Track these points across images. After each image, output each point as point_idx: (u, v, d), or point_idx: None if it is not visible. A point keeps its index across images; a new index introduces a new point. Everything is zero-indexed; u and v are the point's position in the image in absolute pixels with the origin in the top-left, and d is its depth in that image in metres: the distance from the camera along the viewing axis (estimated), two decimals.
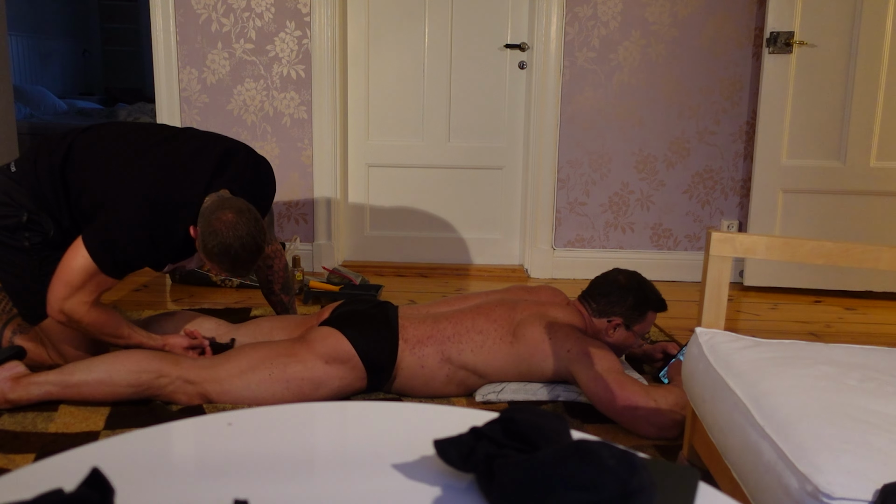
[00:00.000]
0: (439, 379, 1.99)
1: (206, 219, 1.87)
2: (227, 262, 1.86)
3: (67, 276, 1.87)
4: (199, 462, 0.84)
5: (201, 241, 1.87)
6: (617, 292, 2.10)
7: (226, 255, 1.85)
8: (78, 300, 1.88)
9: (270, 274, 2.39)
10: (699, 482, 0.81)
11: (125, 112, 5.84)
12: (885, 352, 1.36)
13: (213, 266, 1.91)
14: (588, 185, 3.48)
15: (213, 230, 1.84)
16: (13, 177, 2.00)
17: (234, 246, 1.84)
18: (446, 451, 0.79)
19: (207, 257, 1.88)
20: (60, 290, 1.88)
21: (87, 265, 1.86)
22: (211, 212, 1.87)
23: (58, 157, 1.98)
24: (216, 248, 1.84)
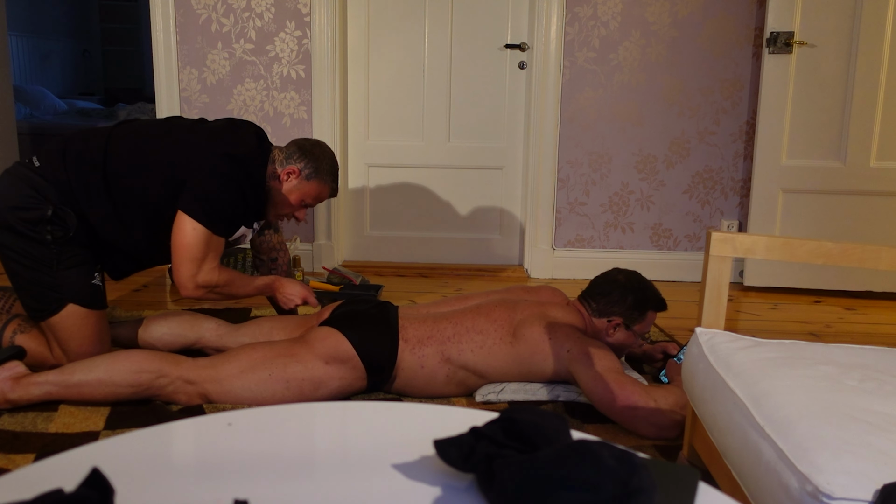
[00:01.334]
0: (439, 379, 1.99)
1: (304, 151, 2.14)
2: (335, 179, 2.19)
3: (188, 252, 1.99)
4: (199, 462, 0.84)
5: (312, 169, 2.13)
6: (617, 292, 2.10)
7: (335, 174, 2.18)
8: (207, 269, 2.02)
9: (274, 268, 2.43)
10: (699, 482, 0.81)
11: (125, 112, 5.84)
12: (885, 352, 1.36)
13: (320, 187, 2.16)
14: (588, 185, 3.48)
15: (320, 156, 2.15)
16: (38, 171, 2.01)
17: (335, 163, 2.19)
18: (446, 451, 0.79)
19: (321, 179, 2.16)
20: (189, 268, 2.00)
21: (201, 234, 1.99)
22: (303, 145, 2.15)
23: (96, 151, 2.03)
24: (329, 167, 2.16)
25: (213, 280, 2.04)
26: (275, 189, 2.14)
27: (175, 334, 2.18)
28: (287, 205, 2.17)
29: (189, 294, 2.03)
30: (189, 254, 1.99)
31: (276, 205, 2.16)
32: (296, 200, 2.16)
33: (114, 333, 2.23)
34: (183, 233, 1.98)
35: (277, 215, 2.20)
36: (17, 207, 1.97)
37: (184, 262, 2.00)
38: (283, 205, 2.16)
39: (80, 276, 2.04)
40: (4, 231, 1.99)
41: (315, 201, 2.20)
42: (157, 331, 2.18)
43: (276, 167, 2.13)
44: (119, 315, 2.68)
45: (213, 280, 2.04)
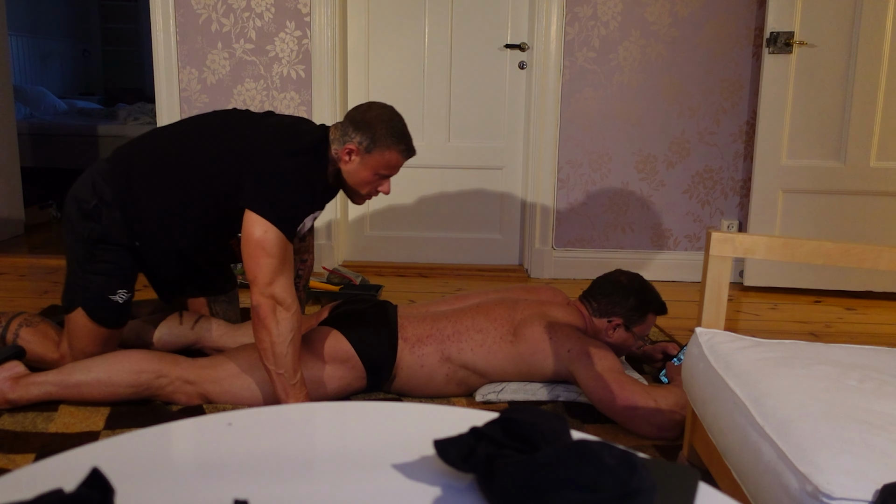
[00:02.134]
0: (439, 378, 1.99)
1: (356, 122, 1.92)
2: (402, 138, 1.93)
3: (265, 250, 1.79)
4: (199, 462, 0.84)
5: (369, 140, 1.91)
6: (619, 293, 2.10)
7: (400, 133, 1.93)
8: (284, 282, 1.79)
9: (302, 268, 2.35)
10: (699, 482, 0.81)
11: (125, 112, 5.84)
12: (885, 352, 1.36)
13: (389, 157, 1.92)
14: (588, 185, 3.48)
15: (374, 119, 1.91)
16: (103, 166, 2.00)
17: (399, 121, 1.94)
18: (446, 451, 0.79)
19: (383, 146, 1.92)
20: (264, 268, 1.78)
21: (273, 235, 1.79)
22: (355, 117, 1.93)
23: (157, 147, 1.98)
24: (388, 130, 1.90)
25: (287, 300, 1.79)
26: (344, 171, 1.96)
27: (175, 334, 2.18)
28: (363, 183, 1.97)
29: (259, 301, 1.77)
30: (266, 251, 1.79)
31: (353, 186, 1.98)
32: (369, 176, 1.95)
33: None
34: (253, 230, 1.81)
35: (360, 196, 2.02)
36: (76, 197, 1.99)
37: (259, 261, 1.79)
38: (359, 184, 1.97)
39: (102, 284, 1.98)
40: (66, 218, 2.02)
41: (390, 170, 1.96)
42: (157, 331, 2.18)
43: (336, 148, 1.95)
44: None
45: (288, 301, 1.79)
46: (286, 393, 1.80)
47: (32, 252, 3.77)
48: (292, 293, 1.80)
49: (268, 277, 1.77)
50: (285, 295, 1.78)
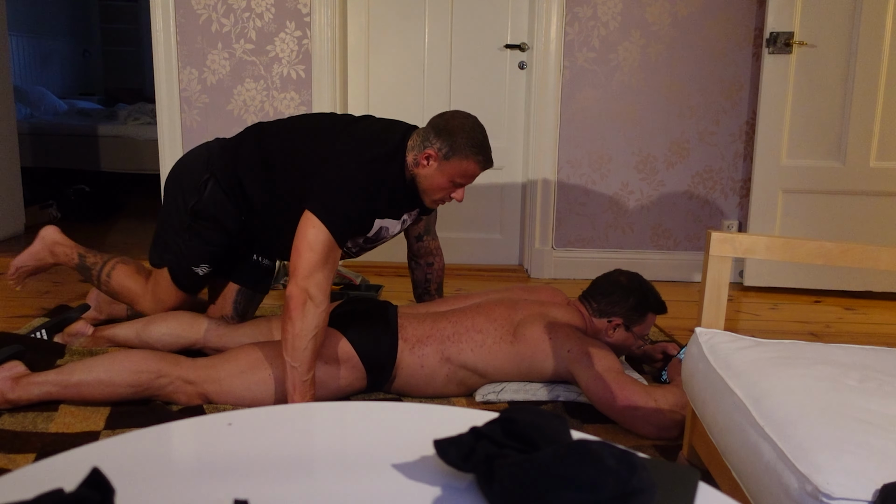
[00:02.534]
0: (439, 378, 1.99)
1: (438, 130, 1.95)
2: (481, 149, 1.96)
3: (310, 245, 1.84)
4: (199, 462, 0.84)
5: (449, 147, 1.94)
6: (619, 292, 2.10)
7: (479, 144, 1.96)
8: (323, 277, 1.83)
9: (430, 272, 2.41)
10: (699, 482, 0.81)
11: (125, 112, 5.84)
12: (885, 352, 1.36)
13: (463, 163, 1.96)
14: (588, 185, 3.48)
15: (455, 128, 1.94)
16: (221, 149, 2.16)
17: (479, 132, 1.96)
18: (446, 451, 0.79)
19: (461, 155, 1.95)
20: (305, 261, 1.83)
21: (322, 234, 1.85)
22: (436, 124, 1.97)
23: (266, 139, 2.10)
24: (467, 140, 1.94)
25: (320, 296, 1.81)
26: (419, 175, 1.99)
27: (175, 335, 2.18)
28: (437, 189, 2.00)
29: (293, 292, 1.80)
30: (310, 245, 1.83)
31: (426, 191, 2.01)
32: (445, 183, 1.99)
33: (114, 333, 2.23)
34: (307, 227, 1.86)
35: (433, 201, 2.06)
36: (189, 167, 2.16)
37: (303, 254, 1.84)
38: (433, 189, 2.00)
39: (189, 256, 2.16)
40: (172, 184, 2.18)
41: (466, 178, 2.00)
42: (157, 331, 2.18)
43: (415, 153, 1.98)
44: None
45: (320, 297, 1.81)
46: (294, 387, 1.81)
47: None
48: (326, 292, 1.84)
49: (306, 271, 1.82)
50: (318, 291, 1.82)
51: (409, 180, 2.02)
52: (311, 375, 1.83)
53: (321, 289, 1.82)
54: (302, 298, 1.80)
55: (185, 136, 3.41)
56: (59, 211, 4.73)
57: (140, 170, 5.44)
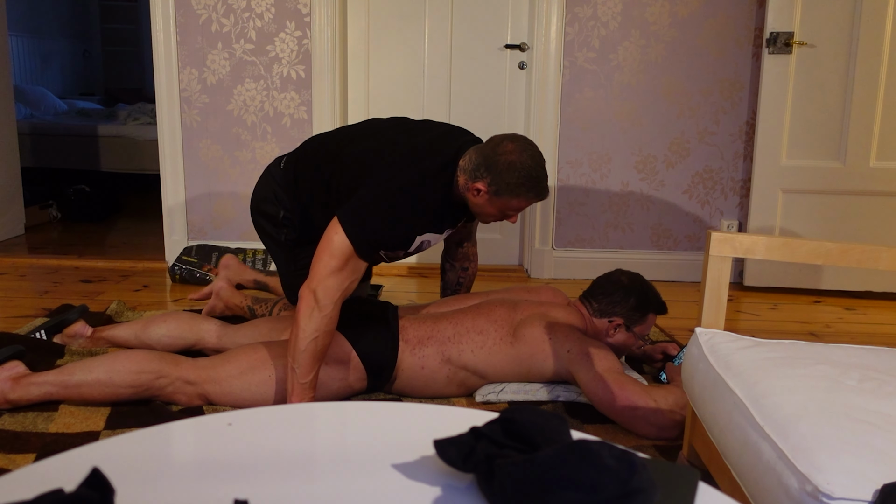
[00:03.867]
0: (440, 379, 1.99)
1: (489, 162, 1.88)
2: (533, 186, 1.89)
3: (330, 252, 1.83)
4: (199, 462, 0.84)
5: (497, 184, 1.87)
6: (619, 292, 2.10)
7: (531, 181, 1.88)
8: (335, 284, 1.82)
9: (463, 276, 2.41)
10: (699, 482, 0.81)
11: (125, 112, 5.84)
12: (885, 352, 1.36)
13: (515, 203, 1.91)
14: (588, 185, 3.48)
15: (506, 165, 1.86)
16: (279, 175, 2.18)
17: (532, 167, 1.87)
18: (446, 451, 0.79)
19: (512, 194, 1.89)
20: (322, 266, 1.83)
21: (344, 244, 1.83)
22: (489, 155, 1.89)
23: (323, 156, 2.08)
24: (518, 178, 1.86)
25: (327, 299, 1.80)
26: (472, 203, 1.96)
27: (174, 336, 2.18)
28: (490, 216, 1.99)
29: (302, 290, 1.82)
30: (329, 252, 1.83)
31: (479, 215, 2.01)
32: (495, 213, 1.96)
33: (113, 334, 2.23)
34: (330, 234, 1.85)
35: (486, 221, 2.05)
36: (263, 212, 2.20)
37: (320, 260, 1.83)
38: (486, 216, 1.99)
39: None
40: (261, 230, 2.24)
41: (516, 211, 1.97)
42: (157, 332, 2.18)
43: (466, 178, 1.93)
44: (118, 314, 2.68)
45: (327, 300, 1.80)
46: (292, 389, 1.81)
47: (32, 252, 3.77)
48: (333, 298, 1.81)
49: (321, 274, 1.81)
50: (325, 296, 1.80)
51: (457, 196, 1.97)
52: (309, 379, 1.81)
53: (329, 294, 1.80)
54: (310, 301, 1.79)
55: (185, 136, 3.41)
56: (59, 211, 4.73)
57: (140, 170, 5.44)
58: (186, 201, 3.47)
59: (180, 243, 3.48)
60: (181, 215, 3.47)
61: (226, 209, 3.48)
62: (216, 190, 3.46)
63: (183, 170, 3.43)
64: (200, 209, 3.48)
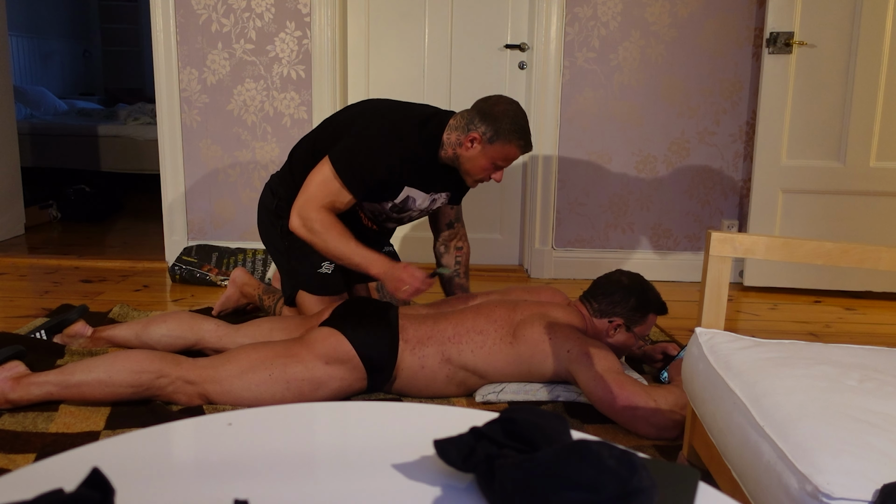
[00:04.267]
0: (440, 379, 1.99)
1: (483, 114, 2.10)
2: (524, 135, 2.10)
3: (307, 185, 2.11)
4: (199, 462, 0.84)
5: (493, 131, 2.08)
6: (620, 293, 2.10)
7: (522, 130, 2.09)
8: (312, 201, 2.09)
9: (459, 256, 2.52)
10: (699, 482, 0.81)
11: (125, 112, 5.84)
12: (885, 352, 1.36)
13: (505, 147, 2.09)
14: (588, 185, 3.48)
15: (501, 113, 2.08)
16: (280, 172, 2.36)
17: (523, 118, 2.10)
18: (446, 451, 0.79)
19: (504, 139, 2.09)
20: (298, 199, 2.11)
21: (326, 173, 2.09)
22: (482, 108, 2.11)
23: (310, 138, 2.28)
24: (512, 125, 2.08)
25: (309, 214, 2.07)
26: (462, 157, 2.15)
27: (175, 335, 2.18)
28: (479, 169, 2.16)
29: (290, 225, 2.12)
30: (306, 186, 2.10)
31: (468, 172, 2.17)
32: (486, 165, 2.14)
33: (113, 334, 2.23)
34: (316, 169, 2.12)
35: (474, 181, 2.21)
36: (263, 203, 2.37)
37: (300, 193, 2.12)
38: (476, 170, 2.16)
39: (308, 264, 2.27)
40: (263, 226, 2.39)
41: (507, 162, 2.16)
42: (157, 332, 2.18)
43: (459, 133, 2.13)
44: (120, 313, 2.68)
45: (310, 214, 2.07)
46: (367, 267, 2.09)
47: (32, 252, 3.77)
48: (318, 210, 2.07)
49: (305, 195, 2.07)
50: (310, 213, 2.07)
51: (445, 158, 2.16)
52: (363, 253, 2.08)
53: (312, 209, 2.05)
54: (298, 224, 2.05)
55: (185, 136, 3.41)
56: (59, 211, 4.73)
57: (140, 170, 5.44)
58: (186, 201, 3.47)
59: (180, 243, 3.48)
60: (181, 215, 3.47)
61: (226, 209, 3.48)
62: (216, 190, 3.46)
63: (183, 170, 3.43)
64: (200, 209, 3.48)
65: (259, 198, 2.43)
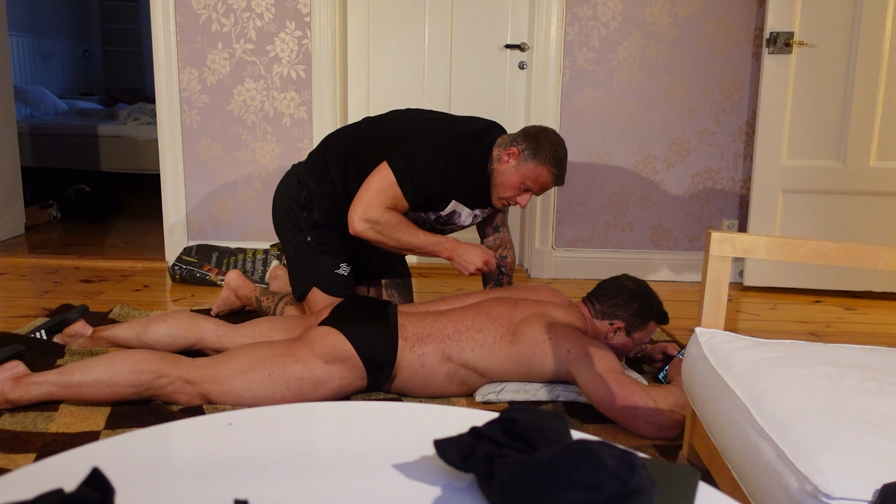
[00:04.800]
0: (439, 378, 1.99)
1: (528, 135, 2.17)
2: (559, 165, 2.16)
3: (367, 190, 2.12)
4: (199, 462, 0.84)
5: (531, 151, 2.14)
6: (624, 296, 2.10)
7: (560, 161, 2.16)
8: (374, 205, 2.11)
9: (504, 265, 2.53)
10: (699, 482, 0.81)
11: (125, 112, 5.84)
12: (885, 352, 1.36)
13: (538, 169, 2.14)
14: (588, 185, 3.48)
15: (545, 139, 2.15)
16: (303, 164, 2.36)
17: (564, 152, 2.17)
18: (446, 451, 0.79)
19: (540, 161, 2.14)
20: (358, 204, 2.12)
21: (386, 178, 2.11)
22: (529, 132, 2.17)
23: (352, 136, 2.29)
24: (552, 152, 2.14)
25: (375, 215, 2.10)
26: (496, 171, 2.19)
27: (174, 335, 2.18)
28: (508, 186, 2.19)
29: (353, 228, 2.12)
30: (366, 190, 2.11)
31: (498, 186, 2.20)
32: (516, 182, 2.17)
33: (113, 334, 2.23)
34: (374, 174, 2.13)
35: (500, 198, 2.24)
36: (286, 194, 2.33)
37: (358, 199, 2.13)
38: (505, 187, 2.19)
39: (326, 263, 2.29)
40: (280, 218, 2.35)
41: (537, 186, 2.19)
42: (157, 331, 2.18)
43: (500, 150, 2.19)
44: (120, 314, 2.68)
45: (376, 215, 2.10)
46: (439, 252, 2.17)
47: (32, 252, 3.77)
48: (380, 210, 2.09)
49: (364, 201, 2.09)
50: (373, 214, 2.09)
51: (488, 174, 2.20)
52: (429, 239, 2.14)
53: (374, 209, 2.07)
54: (362, 224, 2.06)
55: (185, 136, 3.41)
56: (59, 211, 4.73)
57: (140, 170, 5.44)
58: (186, 201, 3.47)
59: (180, 243, 3.48)
60: (181, 215, 3.47)
61: (226, 209, 3.48)
62: (216, 190, 3.46)
63: (183, 170, 3.43)
64: (200, 209, 3.48)
65: (277, 188, 2.39)
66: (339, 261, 2.30)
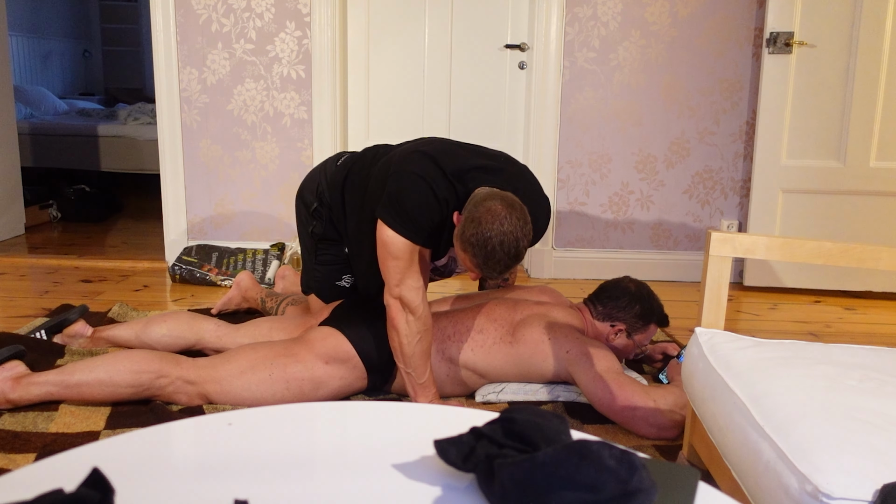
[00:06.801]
0: (440, 378, 1.99)
1: (472, 205, 1.70)
2: (480, 255, 1.67)
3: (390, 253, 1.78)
4: (199, 462, 0.84)
5: (461, 227, 1.69)
6: (626, 298, 2.10)
7: (480, 248, 1.66)
8: (412, 284, 1.81)
9: (503, 284, 2.39)
10: (699, 482, 0.81)
11: (125, 112, 5.84)
12: (885, 352, 1.36)
13: (464, 257, 1.71)
14: (588, 185, 3.48)
15: (476, 218, 1.66)
16: (331, 170, 2.19)
17: (492, 241, 1.64)
18: (446, 451, 0.79)
19: (461, 245, 1.70)
20: (391, 270, 1.80)
21: (397, 238, 1.77)
22: (480, 199, 1.69)
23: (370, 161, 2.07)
24: (473, 237, 1.66)
25: (414, 301, 1.80)
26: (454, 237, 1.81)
27: (174, 335, 2.18)
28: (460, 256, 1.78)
29: (385, 299, 1.84)
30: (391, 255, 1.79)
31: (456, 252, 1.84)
32: (460, 253, 1.75)
33: (113, 334, 2.23)
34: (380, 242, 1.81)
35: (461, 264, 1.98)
36: (303, 195, 2.24)
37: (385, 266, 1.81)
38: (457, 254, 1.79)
39: (327, 273, 2.24)
40: (299, 212, 2.28)
41: (466, 264, 1.76)
42: (157, 332, 2.18)
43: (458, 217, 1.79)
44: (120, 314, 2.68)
45: (415, 302, 1.81)
46: (414, 391, 1.91)
47: (32, 252, 3.77)
48: (419, 296, 1.83)
49: (395, 279, 1.82)
50: (412, 297, 1.83)
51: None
52: (426, 378, 1.90)
53: (414, 294, 1.83)
54: (397, 307, 1.83)
55: (185, 136, 3.41)
56: (59, 211, 4.73)
57: (140, 170, 5.44)
58: (186, 201, 3.47)
59: (180, 243, 3.48)
60: (181, 215, 3.47)
61: (226, 209, 3.47)
62: (216, 190, 3.46)
63: (183, 170, 3.43)
64: (200, 209, 3.48)
65: (304, 180, 2.25)
66: (341, 273, 2.25)
